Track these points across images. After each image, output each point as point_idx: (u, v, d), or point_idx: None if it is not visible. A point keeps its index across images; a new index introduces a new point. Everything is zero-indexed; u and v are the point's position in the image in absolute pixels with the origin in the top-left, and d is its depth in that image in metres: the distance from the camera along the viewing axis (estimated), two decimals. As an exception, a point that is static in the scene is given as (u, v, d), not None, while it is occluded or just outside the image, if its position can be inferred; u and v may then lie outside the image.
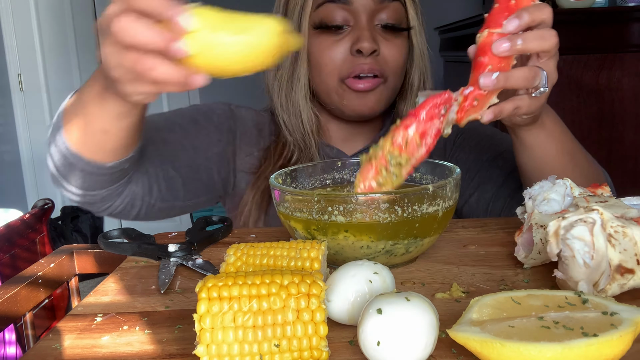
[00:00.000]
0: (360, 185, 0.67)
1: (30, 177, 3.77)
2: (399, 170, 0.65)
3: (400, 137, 0.64)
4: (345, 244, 0.63)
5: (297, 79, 0.98)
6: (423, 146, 0.64)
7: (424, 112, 0.63)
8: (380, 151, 0.65)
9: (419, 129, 0.63)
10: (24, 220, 1.73)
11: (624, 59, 1.91)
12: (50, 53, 3.61)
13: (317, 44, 0.95)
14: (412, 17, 0.98)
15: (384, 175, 0.66)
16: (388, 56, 0.95)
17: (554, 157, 0.78)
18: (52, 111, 3.68)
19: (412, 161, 0.65)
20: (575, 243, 0.52)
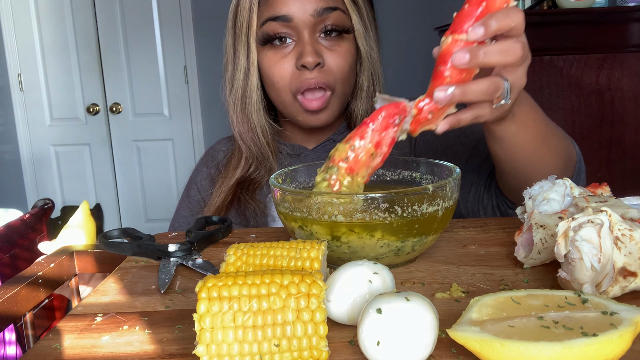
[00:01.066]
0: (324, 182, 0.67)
1: (30, 177, 3.78)
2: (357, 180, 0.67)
3: (355, 145, 0.65)
4: (369, 243, 0.63)
5: (249, 95, 1.03)
6: (378, 155, 0.65)
7: (378, 123, 0.64)
8: (335, 156, 0.66)
9: (374, 139, 0.64)
10: (24, 220, 1.73)
11: (624, 59, 1.91)
12: (50, 53, 3.61)
13: (265, 60, 1.00)
14: (355, 21, 1.00)
15: (344, 182, 0.66)
16: (333, 66, 0.98)
17: (526, 145, 0.76)
18: (52, 111, 3.69)
19: (369, 170, 0.66)
20: (584, 245, 0.52)
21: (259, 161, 1.07)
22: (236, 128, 1.06)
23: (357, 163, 0.65)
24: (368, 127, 0.64)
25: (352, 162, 0.65)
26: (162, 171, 3.77)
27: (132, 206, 3.82)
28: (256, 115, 1.04)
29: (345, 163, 0.65)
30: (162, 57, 3.62)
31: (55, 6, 3.55)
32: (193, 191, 1.15)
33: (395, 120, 0.63)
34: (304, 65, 0.96)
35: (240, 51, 1.01)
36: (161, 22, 3.57)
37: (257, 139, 1.05)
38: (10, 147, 3.75)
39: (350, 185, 0.65)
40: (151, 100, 3.67)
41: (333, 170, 0.65)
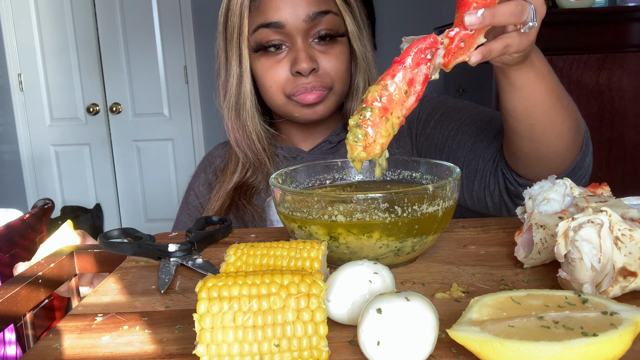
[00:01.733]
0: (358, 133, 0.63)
1: (30, 177, 3.78)
2: (391, 124, 0.63)
3: (388, 84, 0.61)
4: (367, 244, 0.63)
5: (243, 102, 1.03)
6: (412, 94, 0.62)
7: (410, 59, 0.61)
8: (368, 97, 0.63)
9: (406, 76, 0.61)
10: (24, 220, 1.73)
11: (624, 59, 1.91)
12: (50, 53, 3.61)
13: (259, 66, 0.99)
14: (349, 22, 0.99)
15: (380, 123, 0.62)
16: (328, 68, 0.98)
17: (542, 96, 0.76)
18: (52, 111, 3.69)
19: (403, 111, 0.62)
20: (584, 246, 0.52)
21: (256, 166, 1.06)
22: (232, 135, 1.06)
23: (391, 102, 0.61)
24: (399, 65, 0.61)
25: (385, 101, 0.61)
26: (162, 171, 3.77)
27: (132, 206, 3.82)
28: (251, 122, 1.03)
29: (379, 103, 0.61)
30: (162, 57, 3.62)
31: (55, 6, 3.55)
32: (191, 197, 1.15)
33: (427, 55, 0.60)
34: (299, 72, 0.95)
35: (232, 57, 1.00)
36: (161, 22, 3.57)
37: (253, 145, 1.05)
38: (10, 147, 3.75)
39: (385, 127, 0.62)
40: (151, 100, 3.67)
41: (366, 111, 0.61)
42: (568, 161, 0.84)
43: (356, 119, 0.62)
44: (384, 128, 0.62)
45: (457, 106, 1.03)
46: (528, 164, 0.84)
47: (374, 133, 0.61)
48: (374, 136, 0.62)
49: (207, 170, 1.16)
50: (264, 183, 1.07)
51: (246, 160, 1.07)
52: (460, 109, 1.02)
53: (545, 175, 0.82)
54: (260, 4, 0.96)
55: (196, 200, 1.14)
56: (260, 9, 0.96)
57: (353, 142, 0.62)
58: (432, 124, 1.03)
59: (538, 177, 0.83)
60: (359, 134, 0.62)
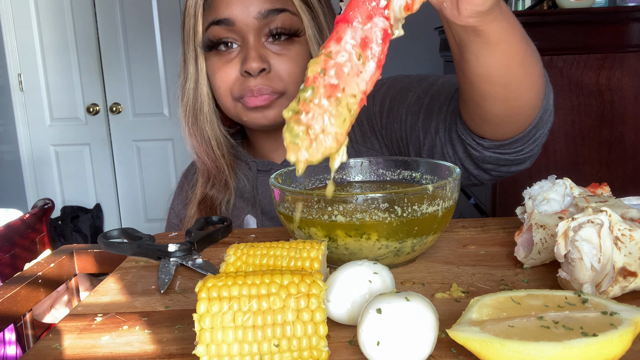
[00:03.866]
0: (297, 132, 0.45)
1: (30, 177, 3.78)
2: (346, 103, 0.45)
3: (332, 51, 0.45)
4: (366, 245, 0.63)
5: (200, 106, 0.99)
6: (370, 59, 0.45)
7: (358, 11, 0.45)
8: (308, 73, 0.45)
9: (357, 36, 0.45)
10: (24, 220, 1.73)
11: (624, 59, 1.91)
12: (50, 53, 3.61)
13: (210, 65, 0.96)
14: (307, 24, 0.94)
15: (326, 109, 0.45)
16: (281, 71, 0.92)
17: (518, 45, 0.67)
18: (52, 111, 3.69)
19: (362, 85, 0.45)
20: (584, 246, 0.52)
21: (215, 176, 1.03)
22: (189, 141, 1.02)
23: (341, 75, 0.44)
24: (345, 23, 0.45)
25: (333, 75, 0.44)
26: (162, 171, 3.77)
27: (132, 206, 3.82)
28: (209, 127, 0.99)
29: (323, 78, 0.44)
30: (162, 57, 3.62)
31: (55, 6, 3.55)
32: (172, 216, 1.13)
33: (379, 2, 0.45)
34: (247, 72, 0.91)
35: (189, 60, 0.97)
36: (161, 22, 3.57)
37: (211, 152, 1.00)
38: (10, 147, 3.75)
39: (337, 110, 0.45)
40: (151, 100, 3.67)
41: (306, 93, 0.44)
42: (537, 109, 0.77)
43: (293, 106, 0.45)
44: (336, 112, 0.44)
45: (403, 87, 0.96)
46: (499, 124, 0.77)
47: (321, 120, 0.44)
48: (321, 125, 0.44)
49: (184, 187, 1.13)
50: (224, 195, 1.04)
51: (204, 169, 1.03)
52: (405, 89, 0.95)
53: (516, 131, 0.77)
54: (213, 1, 0.92)
55: (176, 219, 1.12)
56: (212, 7, 0.92)
57: (291, 141, 0.45)
58: (385, 114, 0.97)
59: (507, 135, 0.78)
60: (296, 130, 0.44)
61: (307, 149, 0.44)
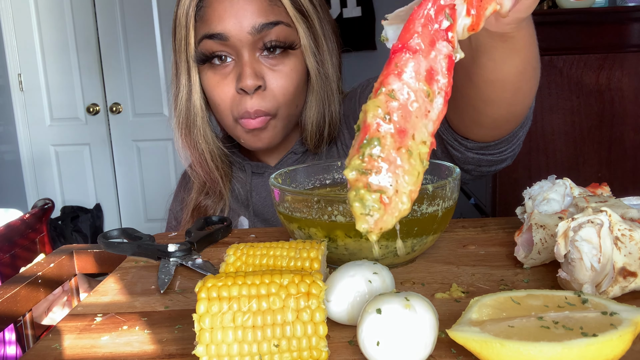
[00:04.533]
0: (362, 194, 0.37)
1: (30, 177, 3.78)
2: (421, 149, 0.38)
3: (395, 89, 0.37)
4: (366, 245, 0.63)
5: (193, 119, 0.97)
6: (437, 94, 0.38)
7: (420, 38, 0.37)
8: (368, 119, 0.37)
9: (421, 67, 0.37)
10: (24, 220, 1.73)
11: (624, 59, 1.91)
12: (50, 53, 3.61)
13: (206, 80, 0.94)
14: (302, 35, 0.91)
15: (402, 165, 0.37)
16: (275, 88, 0.91)
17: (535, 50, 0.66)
18: (52, 111, 3.69)
19: (429, 126, 0.38)
20: (584, 246, 0.52)
21: (209, 187, 1.02)
22: (182, 153, 1.01)
23: (408, 117, 0.37)
24: (404, 52, 0.37)
25: (399, 119, 0.37)
26: (162, 171, 3.77)
27: (132, 206, 3.82)
28: (203, 139, 0.98)
29: (389, 124, 0.36)
30: (162, 57, 3.62)
31: (55, 6, 3.55)
32: (170, 218, 1.13)
33: (442, 23, 0.38)
34: (242, 89, 0.90)
35: (182, 70, 0.95)
36: (161, 22, 3.57)
37: (204, 163, 0.99)
38: (10, 147, 3.75)
39: (409, 164, 0.37)
40: (151, 100, 3.66)
41: (371, 145, 0.36)
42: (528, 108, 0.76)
43: (357, 164, 0.37)
44: (409, 166, 0.37)
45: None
46: (493, 128, 0.76)
47: (394, 179, 0.37)
48: (394, 184, 0.37)
49: (181, 189, 1.12)
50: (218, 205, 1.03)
51: (198, 180, 1.02)
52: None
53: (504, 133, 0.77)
54: (205, 13, 0.90)
55: (174, 220, 1.12)
56: (204, 19, 0.90)
57: (361, 214, 0.37)
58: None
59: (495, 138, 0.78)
60: (369, 201, 0.37)
61: (382, 216, 0.37)
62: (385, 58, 0.40)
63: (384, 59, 0.40)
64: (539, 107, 1.85)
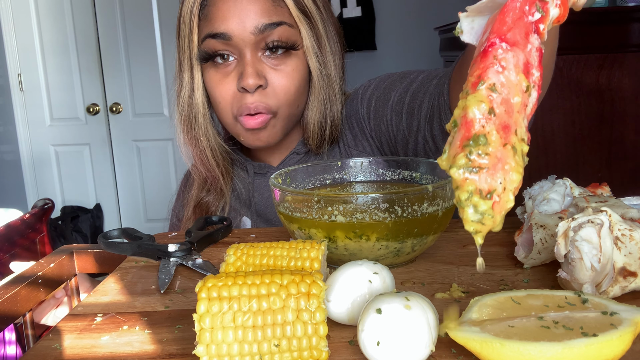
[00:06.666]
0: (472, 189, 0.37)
1: (30, 177, 3.77)
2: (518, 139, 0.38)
3: (495, 83, 0.37)
4: (366, 246, 0.63)
5: (195, 116, 0.98)
6: (533, 88, 0.38)
7: (517, 30, 0.37)
8: (469, 114, 0.37)
9: (520, 61, 0.37)
10: (24, 220, 1.73)
11: (624, 59, 1.91)
12: (50, 53, 3.61)
13: (208, 78, 0.95)
14: (305, 35, 0.92)
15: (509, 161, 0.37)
16: (277, 87, 0.92)
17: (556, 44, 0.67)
18: (52, 111, 3.69)
19: (525, 121, 0.39)
20: (584, 246, 0.52)
21: (210, 184, 1.03)
22: (183, 149, 1.02)
23: (511, 112, 0.37)
24: (500, 45, 0.37)
25: (501, 112, 0.36)
26: (162, 171, 3.77)
27: (132, 206, 3.82)
28: (204, 136, 0.99)
29: (493, 120, 0.36)
30: (162, 57, 3.61)
31: (55, 6, 3.55)
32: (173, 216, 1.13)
33: (533, 14, 0.38)
34: (244, 88, 0.90)
35: (185, 68, 0.96)
36: (161, 22, 3.57)
37: (205, 160, 1.00)
38: (10, 147, 3.75)
39: (515, 160, 0.37)
40: (151, 100, 3.66)
41: (479, 142, 0.36)
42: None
43: (462, 162, 0.36)
44: (515, 163, 0.37)
45: (387, 86, 0.95)
46: None
47: (502, 176, 0.37)
48: (502, 181, 0.37)
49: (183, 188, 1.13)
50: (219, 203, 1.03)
51: (199, 177, 1.03)
52: (389, 88, 0.94)
53: None
54: (209, 12, 0.91)
55: (175, 218, 1.12)
56: (208, 18, 0.91)
57: (473, 220, 0.38)
58: (372, 116, 0.96)
59: None
60: (484, 208, 0.37)
61: (492, 214, 0.37)
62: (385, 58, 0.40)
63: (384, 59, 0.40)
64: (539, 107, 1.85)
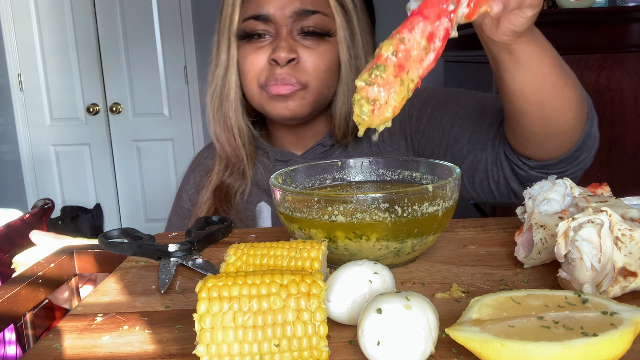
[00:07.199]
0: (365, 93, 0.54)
1: (30, 177, 3.78)
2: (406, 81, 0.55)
3: (405, 38, 0.53)
4: (366, 246, 0.63)
5: (227, 92, 1.02)
6: (432, 51, 0.54)
7: (431, 12, 0.53)
8: (382, 52, 0.54)
9: (426, 30, 0.53)
10: (24, 220, 1.73)
11: (624, 59, 1.91)
12: (50, 53, 3.61)
13: (241, 53, 1.00)
14: (339, 26, 0.98)
15: (392, 83, 0.54)
16: (307, 63, 0.96)
17: (549, 68, 0.74)
18: (52, 111, 3.69)
19: (420, 71, 0.55)
20: (584, 246, 0.52)
21: (233, 164, 1.05)
22: (212, 127, 1.05)
23: (409, 59, 0.53)
24: (418, 16, 0.54)
25: (402, 57, 0.53)
26: (162, 171, 3.77)
27: (132, 206, 3.82)
28: (233, 114, 1.03)
29: (394, 59, 0.53)
30: (162, 57, 3.62)
31: (55, 6, 3.55)
32: (184, 199, 1.14)
33: (449, 5, 0.54)
34: (275, 60, 0.95)
35: (222, 47, 1.01)
36: (161, 22, 3.57)
37: (232, 139, 1.04)
38: (10, 147, 3.75)
39: (399, 88, 0.54)
40: (151, 100, 3.67)
41: (379, 69, 0.53)
42: (578, 132, 0.81)
43: (365, 77, 0.54)
44: (399, 89, 0.54)
45: (448, 98, 1.00)
46: (540, 144, 0.82)
47: (386, 94, 0.53)
48: (386, 97, 0.54)
49: (196, 171, 1.15)
50: (241, 184, 1.05)
51: (224, 155, 1.06)
52: (451, 100, 0.99)
53: (558, 151, 0.82)
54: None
55: (188, 203, 1.13)
56: (251, 0, 0.97)
57: (357, 114, 0.55)
58: (425, 120, 1.00)
59: (550, 156, 0.82)
60: (365, 108, 0.54)
61: (371, 115, 0.54)
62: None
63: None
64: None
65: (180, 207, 1.14)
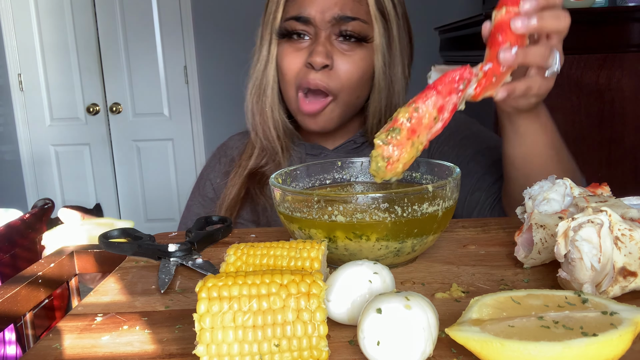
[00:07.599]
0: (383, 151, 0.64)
1: (30, 177, 3.78)
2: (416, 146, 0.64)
3: (419, 107, 0.63)
4: (366, 246, 0.63)
5: (265, 87, 1.05)
6: (440, 121, 0.63)
7: (443, 87, 0.63)
8: (399, 117, 0.64)
9: (438, 103, 0.63)
10: (24, 220, 1.73)
11: (624, 59, 1.91)
12: (50, 53, 3.61)
13: (280, 51, 1.02)
14: (377, 33, 0.99)
15: (405, 146, 0.63)
16: (341, 70, 0.98)
17: (542, 148, 0.80)
18: (52, 111, 3.69)
19: (428, 135, 0.64)
20: (584, 245, 0.52)
21: (270, 154, 1.08)
22: (250, 118, 1.08)
23: (420, 125, 0.63)
24: (432, 90, 0.63)
25: (414, 123, 0.62)
26: (162, 171, 3.77)
27: (132, 206, 3.82)
28: (269, 108, 1.05)
29: (408, 124, 0.62)
30: (162, 57, 3.62)
31: (55, 6, 3.55)
32: (207, 188, 1.15)
33: (459, 85, 0.63)
34: (311, 64, 0.97)
35: (264, 42, 1.04)
36: (161, 22, 3.57)
37: (268, 132, 1.06)
38: (10, 147, 3.75)
39: (410, 150, 0.63)
40: (151, 100, 3.67)
41: (395, 131, 0.62)
42: None
43: (383, 137, 0.63)
44: (409, 150, 0.63)
45: (480, 134, 1.05)
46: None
47: (399, 153, 0.63)
48: (398, 156, 0.63)
49: (222, 160, 1.17)
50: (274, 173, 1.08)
51: (261, 146, 1.08)
52: (481, 138, 1.04)
53: None
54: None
55: (212, 192, 1.14)
56: (295, 1, 1.00)
57: (373, 169, 0.64)
58: (452, 143, 1.03)
59: None
60: (381, 164, 0.63)
61: (385, 169, 0.63)
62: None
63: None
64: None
65: (203, 196, 1.15)
